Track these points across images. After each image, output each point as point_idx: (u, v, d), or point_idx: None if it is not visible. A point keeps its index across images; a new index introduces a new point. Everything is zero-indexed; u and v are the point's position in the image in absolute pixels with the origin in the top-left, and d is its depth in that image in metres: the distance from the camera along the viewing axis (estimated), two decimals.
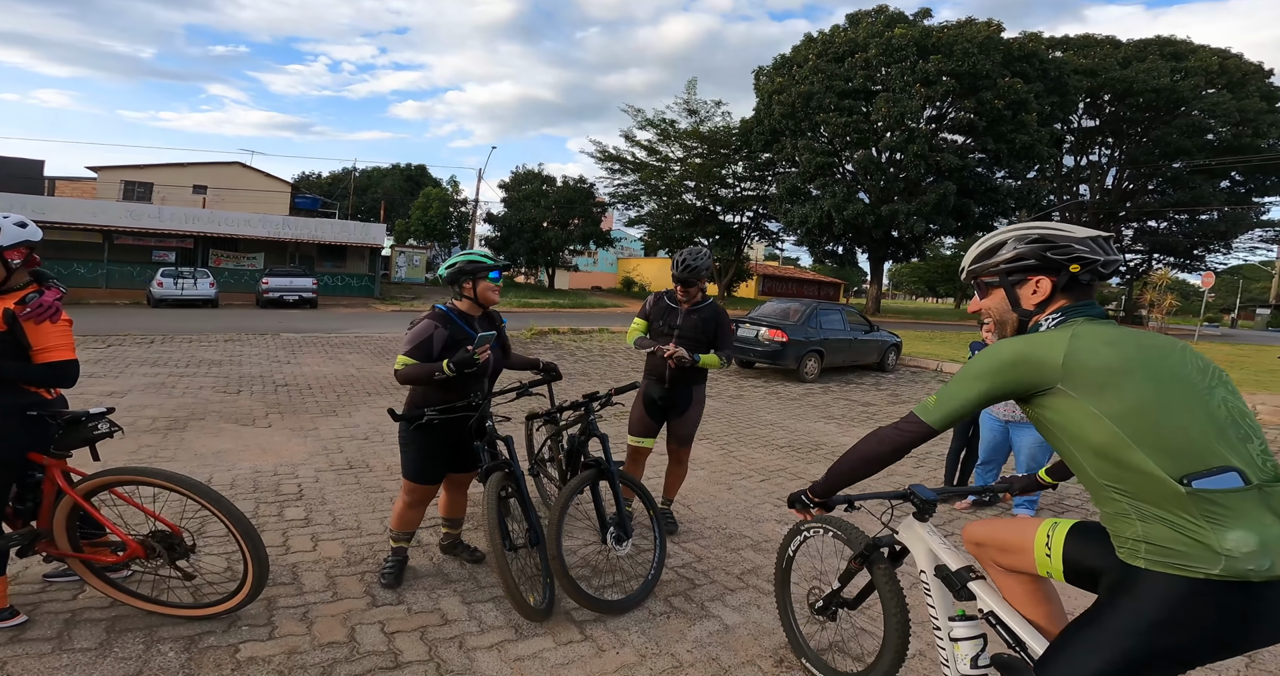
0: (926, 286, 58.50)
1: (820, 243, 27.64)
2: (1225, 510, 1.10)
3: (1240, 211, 29.66)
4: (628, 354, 11.46)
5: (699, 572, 2.95)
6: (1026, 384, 1.26)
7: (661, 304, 3.35)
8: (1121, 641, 1.14)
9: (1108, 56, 26.70)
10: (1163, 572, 1.12)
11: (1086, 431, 1.20)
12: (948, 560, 1.67)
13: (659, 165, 31.16)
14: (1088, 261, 1.33)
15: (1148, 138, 27.98)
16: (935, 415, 1.36)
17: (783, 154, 25.97)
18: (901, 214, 22.96)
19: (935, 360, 12.07)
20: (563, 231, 33.15)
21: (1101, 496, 1.23)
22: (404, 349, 2.57)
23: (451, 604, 2.56)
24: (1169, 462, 1.13)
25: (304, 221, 25.08)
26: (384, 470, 4.26)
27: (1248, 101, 26.09)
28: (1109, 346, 1.23)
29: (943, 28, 22.74)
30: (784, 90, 24.46)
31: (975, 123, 22.26)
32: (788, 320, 10.04)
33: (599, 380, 8.85)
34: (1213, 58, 26.86)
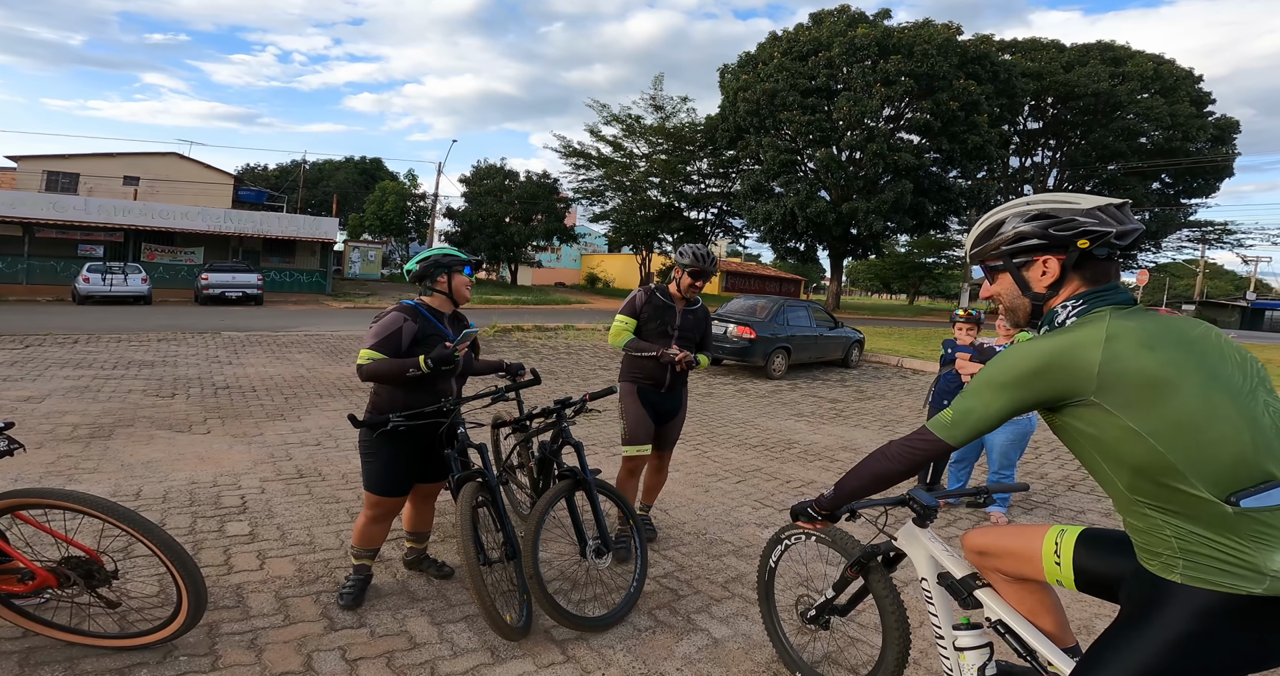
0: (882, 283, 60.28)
1: (783, 240, 28.03)
2: (1273, 529, 1.03)
3: (1169, 212, 31.63)
4: (595, 352, 11.27)
5: (682, 582, 2.84)
6: (1057, 394, 1.14)
7: (655, 301, 3.10)
8: (1156, 656, 1.08)
9: (1052, 60, 27.81)
10: (1200, 588, 1.06)
11: (1123, 448, 1.10)
12: (951, 568, 1.62)
13: (624, 161, 31.06)
14: (1097, 234, 1.18)
15: (1086, 140, 29.42)
16: (956, 433, 1.24)
17: (747, 151, 26.17)
18: (861, 212, 23.49)
19: (896, 356, 12.34)
20: (525, 227, 32.68)
21: (1132, 510, 1.15)
22: (369, 342, 2.36)
23: (420, 625, 2.37)
24: (1214, 481, 1.05)
25: (248, 215, 23.86)
26: (339, 479, 3.99)
27: (1178, 106, 27.59)
28: (1149, 350, 1.09)
29: (903, 28, 23.26)
30: (749, 88, 24.61)
31: (931, 123, 22.87)
32: (755, 317, 10.06)
33: (566, 379, 8.66)
34: (1148, 63, 28.30)
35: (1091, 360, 1.09)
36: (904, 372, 11.25)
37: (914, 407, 7.99)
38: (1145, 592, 1.14)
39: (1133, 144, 28.67)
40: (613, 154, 31.20)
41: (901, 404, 8.25)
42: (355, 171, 46.15)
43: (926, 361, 11.61)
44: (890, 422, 7.01)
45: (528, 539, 2.35)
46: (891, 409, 7.87)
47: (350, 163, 47.56)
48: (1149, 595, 1.13)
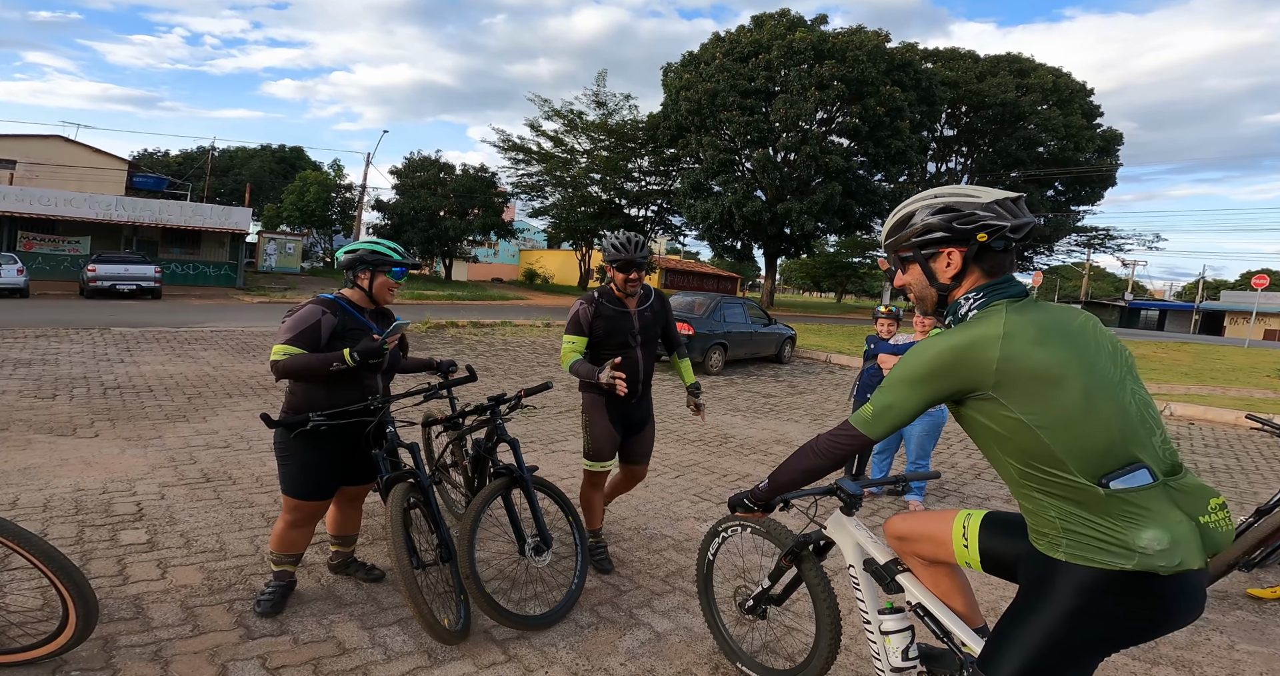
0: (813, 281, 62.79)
1: (721, 238, 28.57)
2: (1139, 509, 1.14)
3: (1061, 218, 34.65)
4: (533, 348, 11.11)
5: (624, 577, 2.87)
6: (961, 389, 1.23)
7: (603, 311, 2.72)
8: (1049, 631, 1.18)
9: (968, 70, 29.84)
10: (1080, 565, 1.16)
11: (1014, 438, 1.20)
12: (875, 554, 1.70)
13: (565, 156, 30.71)
14: (994, 228, 1.26)
15: (993, 148, 31.77)
16: (876, 427, 1.32)
17: (688, 150, 26.44)
18: (794, 212, 24.33)
19: (825, 351, 12.90)
20: (461, 221, 31.70)
21: (1022, 493, 1.25)
22: (283, 337, 2.22)
23: (349, 630, 2.28)
24: (1089, 466, 1.15)
25: (145, 203, 21.78)
26: (252, 482, 3.74)
27: (1072, 118, 30.25)
28: (1039, 347, 1.18)
29: (837, 34, 24.18)
30: (691, 87, 24.86)
31: (859, 127, 23.92)
32: (693, 313, 10.23)
33: (503, 376, 8.48)
34: (1049, 76, 30.84)
35: (990, 357, 1.18)
36: (832, 368, 11.77)
37: (841, 401, 8.38)
38: (1037, 571, 1.24)
39: (1032, 152, 31.13)
40: (553, 149, 30.80)
41: (829, 398, 8.63)
42: (272, 160, 43.25)
43: (853, 357, 12.20)
44: (820, 416, 7.32)
45: (463, 539, 2.30)
46: (821, 403, 8.22)
47: (266, 150, 44.52)
48: (1040, 573, 1.23)
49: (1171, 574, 1.12)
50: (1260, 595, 3.00)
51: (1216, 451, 6.45)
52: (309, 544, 2.51)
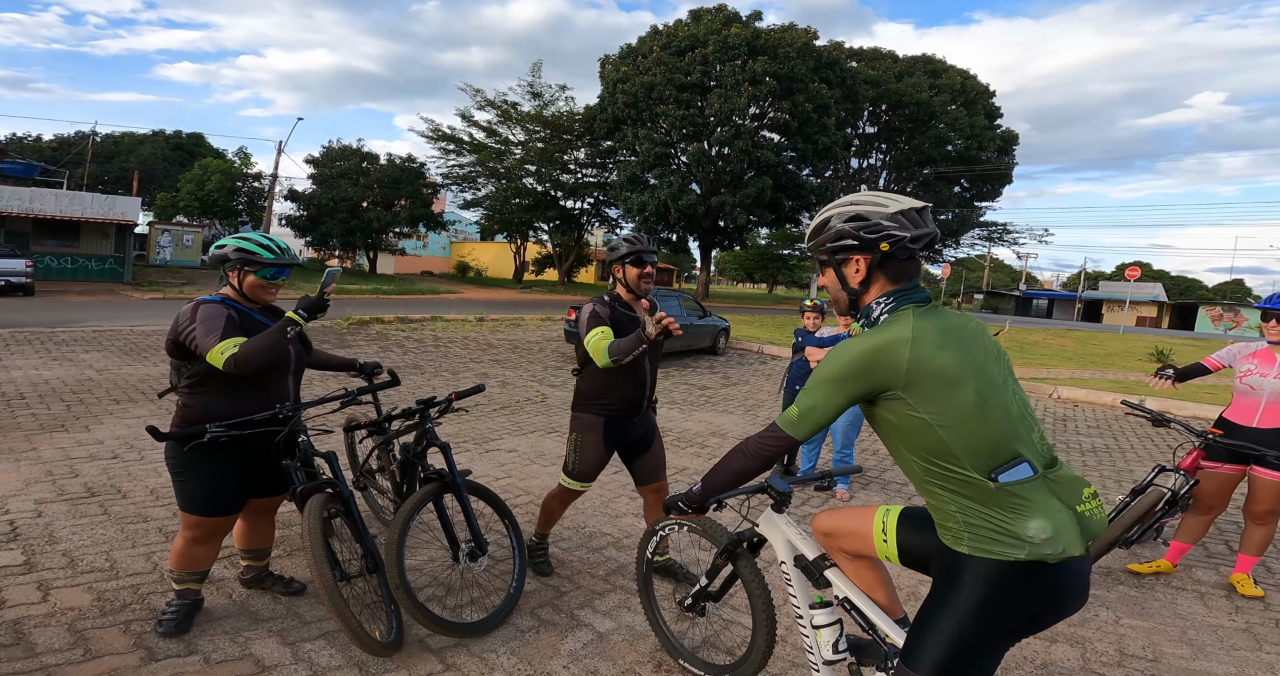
0: (746, 273, 64.48)
1: (656, 230, 28.79)
2: (1024, 500, 1.24)
3: (966, 213, 37.24)
4: (465, 344, 10.79)
5: (563, 578, 2.86)
6: (875, 389, 1.30)
7: (618, 315, 2.57)
8: (961, 622, 1.26)
9: (888, 70, 31.27)
10: (982, 557, 1.25)
11: (917, 437, 1.29)
12: (805, 550, 1.76)
13: (498, 147, 29.95)
14: (896, 239, 1.35)
15: (909, 145, 33.62)
16: (802, 428, 1.38)
17: (624, 142, 26.43)
18: (728, 205, 24.86)
19: (757, 342, 13.29)
20: (387, 212, 30.25)
21: (926, 490, 1.34)
22: (213, 338, 2.03)
23: (268, 647, 2.17)
24: (981, 462, 1.25)
25: (13, 191, 19.38)
26: (146, 495, 3.47)
27: (976, 118, 32.42)
28: (942, 351, 1.28)
29: (770, 31, 24.76)
30: (628, 80, 24.84)
31: (789, 123, 24.72)
32: None
33: (433, 374, 8.20)
34: (958, 77, 32.91)
35: (901, 359, 1.27)
36: (764, 358, 12.14)
37: (773, 392, 8.67)
38: (945, 564, 1.33)
39: (941, 150, 33.16)
40: (486, 140, 29.97)
41: (762, 389, 8.91)
42: (166, 146, 39.76)
43: (784, 347, 12.63)
44: (753, 407, 7.54)
45: (391, 547, 2.22)
46: (754, 394, 8.48)
47: (159, 136, 40.86)
48: (948, 566, 1.32)
49: (1058, 561, 1.22)
50: (1139, 570, 3.26)
51: (1097, 432, 7.14)
52: (215, 559, 2.35)
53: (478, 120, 29.46)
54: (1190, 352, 15.06)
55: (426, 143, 31.01)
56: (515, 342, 11.44)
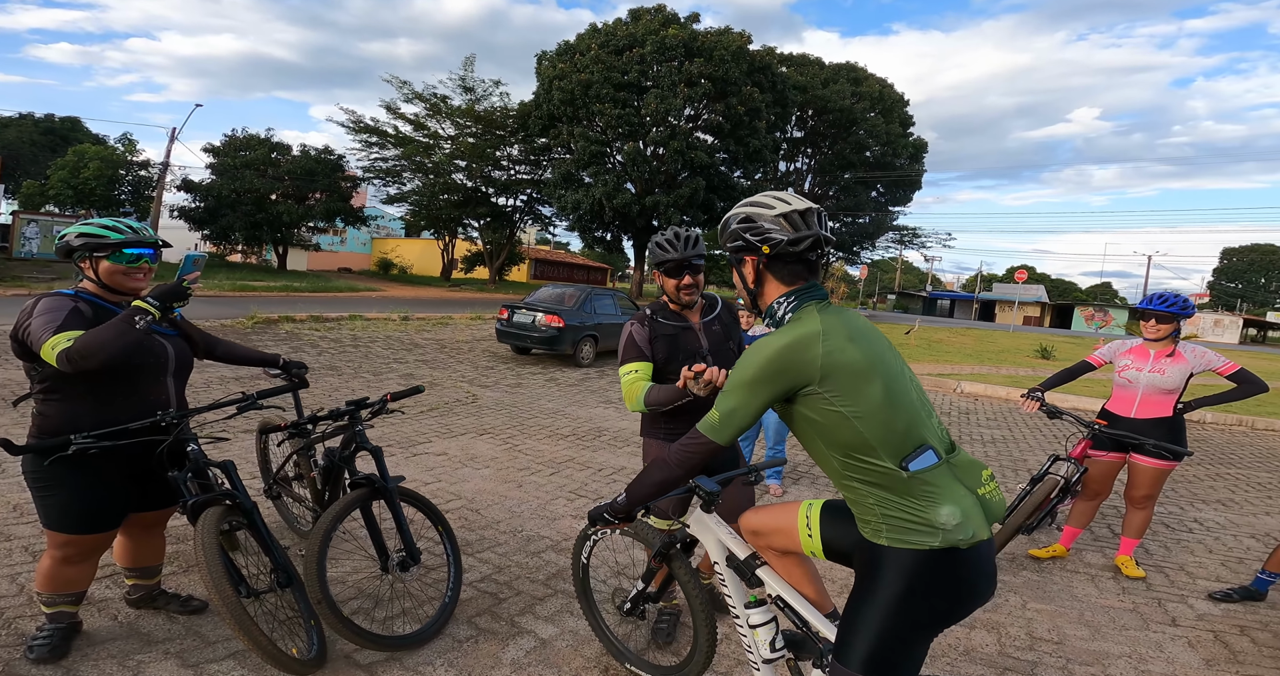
0: None
1: (591, 229, 28.72)
2: (933, 487, 1.28)
3: (881, 217, 39.54)
4: (388, 343, 10.32)
5: (501, 584, 2.80)
6: (793, 386, 1.32)
7: (662, 329, 2.24)
8: (887, 615, 1.28)
9: (815, 76, 32.70)
10: (900, 548, 1.29)
11: (834, 432, 1.31)
12: (736, 550, 1.76)
13: (426, 141, 28.91)
14: (775, 242, 1.38)
15: (832, 151, 35.33)
16: (724, 432, 1.38)
17: (559, 140, 26.22)
18: (662, 205, 25.21)
19: None
20: (299, 206, 28.47)
21: (844, 484, 1.37)
22: (49, 330, 1.80)
23: (166, 669, 2.02)
24: (893, 452, 1.29)
25: None
26: (7, 511, 3.15)
27: (892, 126, 34.45)
28: (852, 343, 1.32)
29: (707, 33, 25.25)
30: (565, 77, 24.67)
31: (722, 125, 25.34)
32: (563, 305, 10.19)
33: (353, 375, 7.80)
34: (877, 85, 34.81)
35: (815, 354, 1.30)
36: None
37: None
38: (866, 558, 1.35)
39: (860, 156, 35.06)
40: (413, 133, 28.88)
41: None
42: (35, 130, 35.92)
43: None
44: None
45: (311, 558, 2.10)
46: None
47: (27, 120, 36.81)
48: (869, 560, 1.34)
49: (969, 547, 1.27)
50: (1039, 555, 3.46)
51: (995, 424, 7.76)
52: (92, 579, 2.13)
53: (404, 113, 28.45)
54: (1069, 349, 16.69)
55: (347, 134, 29.29)
56: (443, 342, 11.08)
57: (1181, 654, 2.61)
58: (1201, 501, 4.94)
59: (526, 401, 7.10)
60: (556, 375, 9.08)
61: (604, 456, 5.13)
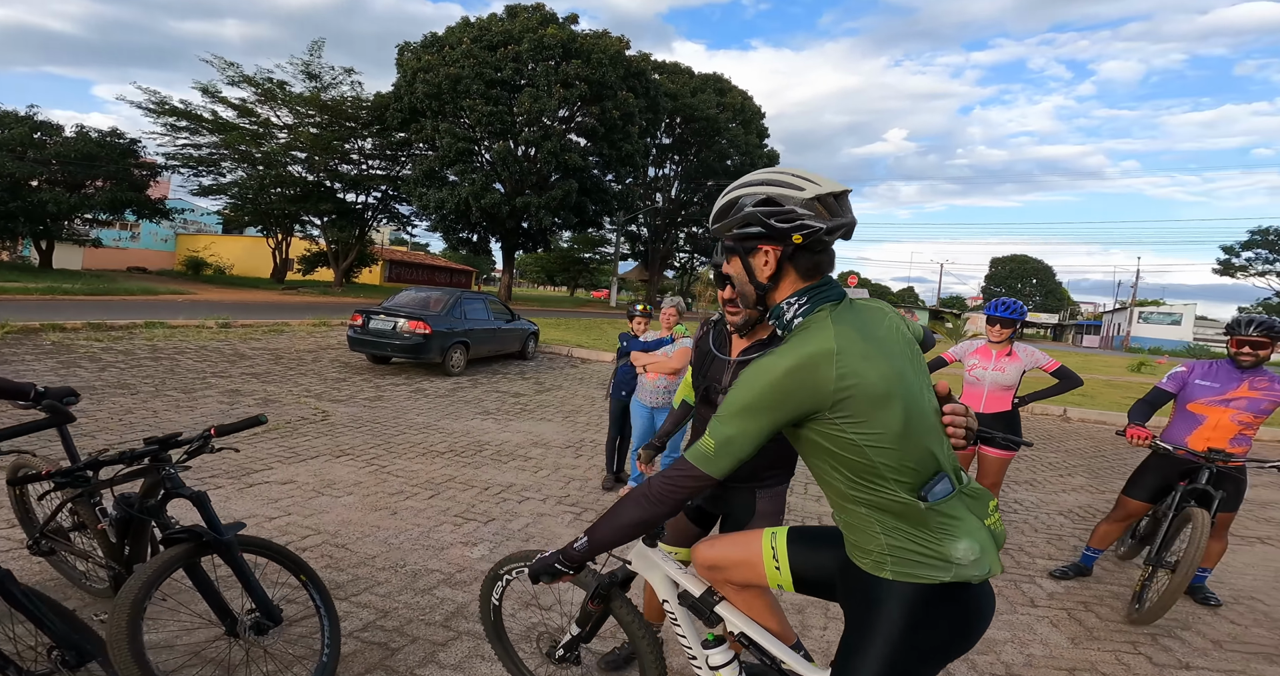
0: (546, 275, 64.83)
1: (455, 229, 27.55)
2: (950, 520, 1.20)
3: None
4: (203, 354, 8.83)
5: (391, 631, 2.40)
6: (801, 414, 1.18)
7: (702, 346, 2.05)
8: (890, 651, 1.21)
9: (685, 85, 34.52)
10: (906, 582, 1.21)
11: (845, 456, 1.20)
12: (689, 586, 1.64)
13: (254, 129, 25.71)
14: (811, 230, 1.22)
15: (697, 158, 37.35)
16: (721, 464, 1.22)
17: (422, 135, 25.11)
18: (533, 206, 24.86)
19: (567, 346, 13.35)
20: (72, 195, 23.89)
21: (848, 510, 1.26)
22: None
23: None
24: (909, 480, 1.19)
25: None
26: None
27: (750, 137, 37.41)
28: (868, 363, 1.17)
29: (585, 35, 25.51)
30: (432, 69, 23.73)
31: (596, 128, 25.62)
32: (429, 310, 9.51)
33: (153, 394, 6.51)
34: (739, 97, 37.57)
35: (827, 378, 1.15)
36: (574, 362, 12.23)
37: (589, 396, 8.71)
38: (864, 592, 1.26)
39: (723, 164, 37.58)
40: (238, 119, 25.55)
41: (578, 393, 8.91)
42: None
43: (593, 350, 12.89)
44: (571, 413, 7.47)
45: (119, 633, 1.63)
46: (570, 399, 8.43)
47: None
48: (868, 595, 1.25)
49: (980, 581, 1.22)
50: None
51: None
52: None
53: (228, 97, 25.26)
54: None
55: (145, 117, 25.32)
56: (278, 352, 9.75)
57: (1050, 634, 2.91)
58: (1013, 482, 5.77)
59: (390, 416, 6.42)
60: (424, 385, 8.38)
61: (489, 473, 4.76)
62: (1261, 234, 49.75)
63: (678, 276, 49.65)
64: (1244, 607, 3.37)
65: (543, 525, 3.79)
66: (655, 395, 4.37)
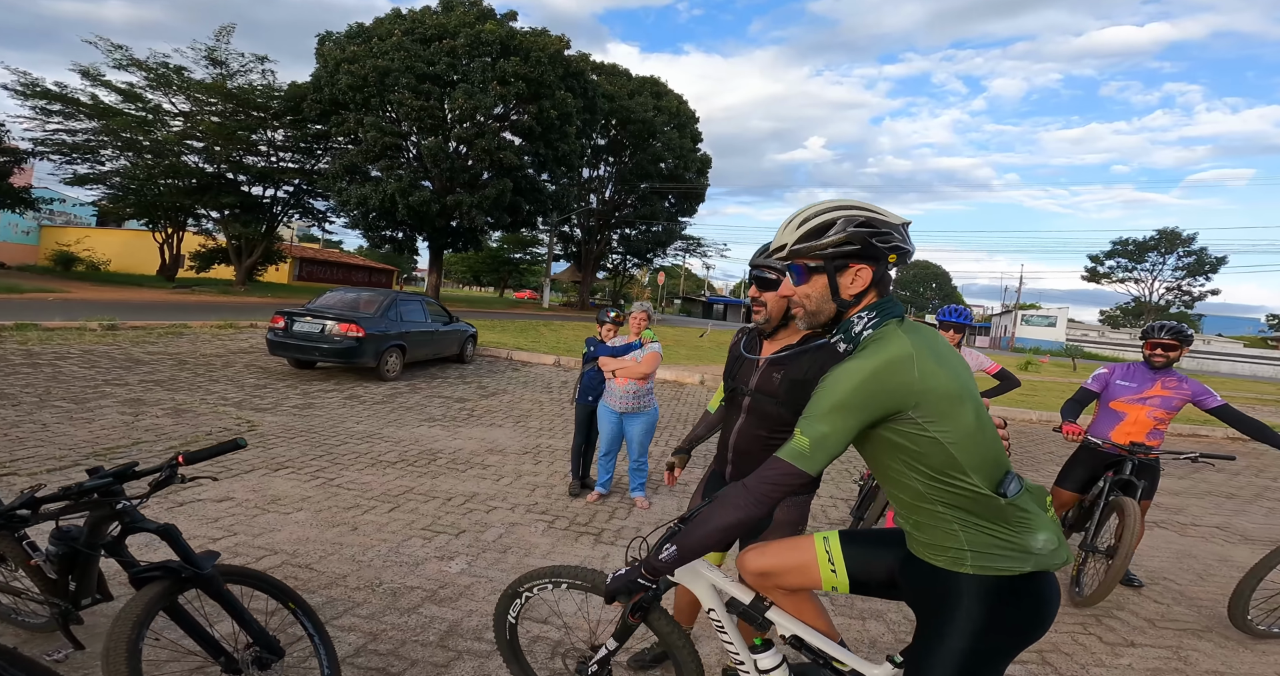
0: (473, 276, 63.23)
1: (379, 227, 26.32)
2: (1026, 513, 1.29)
3: (672, 226, 43.28)
4: (88, 359, 7.94)
5: (387, 655, 2.24)
6: (887, 412, 1.26)
7: (738, 347, 2.09)
8: (973, 642, 1.28)
9: (623, 87, 34.67)
10: (986, 576, 1.28)
11: (926, 455, 1.27)
12: (737, 594, 1.67)
13: (143, 115, 23.52)
14: (903, 252, 1.35)
15: (632, 161, 37.60)
16: (817, 460, 1.27)
17: (343, 128, 23.93)
18: (465, 205, 24.18)
19: (505, 348, 13.04)
20: None
21: (922, 510, 1.33)
22: None
23: None
24: (987, 477, 1.27)
25: None
26: None
27: (685, 141, 38.06)
28: (941, 365, 1.27)
29: (524, 33, 25.09)
30: (358, 60, 22.73)
31: (533, 128, 25.24)
32: (361, 312, 9.02)
33: (37, 406, 5.75)
34: (675, 101, 38.15)
35: (911, 378, 1.24)
36: (516, 365, 11.96)
37: (536, 400, 8.53)
38: (943, 588, 1.33)
39: (656, 167, 38.06)
40: (123, 105, 23.26)
41: (524, 398, 8.71)
42: None
43: (533, 353, 12.66)
44: (521, 418, 7.29)
45: None
46: (517, 403, 8.22)
47: None
48: (948, 590, 1.32)
49: (1054, 569, 1.30)
50: None
51: None
52: None
53: (112, 81, 23.02)
54: None
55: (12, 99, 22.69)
56: (181, 357, 8.93)
57: None
58: None
59: (326, 425, 6.02)
60: (357, 391, 7.92)
61: (448, 483, 4.56)
62: (1121, 244, 56.63)
63: (610, 278, 49.66)
64: (1161, 588, 3.75)
65: (517, 535, 3.67)
66: (624, 400, 4.33)
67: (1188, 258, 54.35)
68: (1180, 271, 54.99)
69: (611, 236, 42.24)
